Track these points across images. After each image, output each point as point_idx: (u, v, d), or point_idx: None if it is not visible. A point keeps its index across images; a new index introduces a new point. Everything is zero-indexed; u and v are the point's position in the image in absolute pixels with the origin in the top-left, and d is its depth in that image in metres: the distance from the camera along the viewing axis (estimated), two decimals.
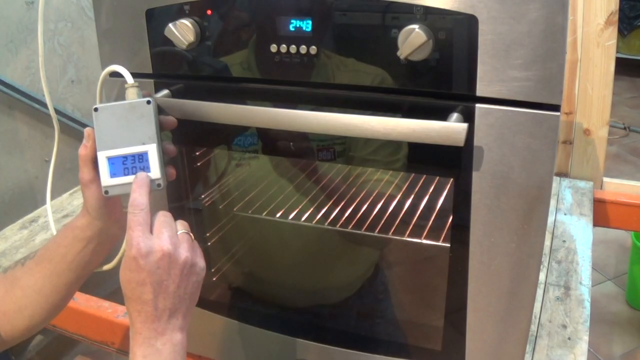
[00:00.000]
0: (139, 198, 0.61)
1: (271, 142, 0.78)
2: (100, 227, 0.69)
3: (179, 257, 0.60)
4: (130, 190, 0.64)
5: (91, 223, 0.68)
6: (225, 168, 0.90)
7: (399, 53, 0.61)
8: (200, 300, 0.89)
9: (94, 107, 0.65)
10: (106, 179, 0.65)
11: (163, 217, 0.63)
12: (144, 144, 0.65)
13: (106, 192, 0.65)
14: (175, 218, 0.86)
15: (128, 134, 0.65)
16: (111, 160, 0.65)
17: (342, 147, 0.75)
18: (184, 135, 0.76)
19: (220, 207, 0.93)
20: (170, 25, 0.68)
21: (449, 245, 0.70)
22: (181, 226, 0.64)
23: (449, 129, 0.59)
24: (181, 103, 0.71)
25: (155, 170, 0.65)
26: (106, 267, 0.74)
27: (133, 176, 0.65)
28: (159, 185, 0.66)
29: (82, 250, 0.69)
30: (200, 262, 0.63)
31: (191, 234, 0.64)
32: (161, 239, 0.60)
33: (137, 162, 0.65)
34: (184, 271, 0.60)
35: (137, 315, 0.59)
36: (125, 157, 0.65)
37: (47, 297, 0.70)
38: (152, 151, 0.65)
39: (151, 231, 0.61)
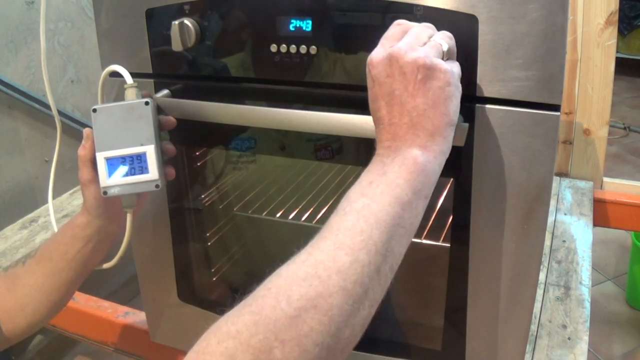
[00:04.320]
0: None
1: (269, 143, 0.78)
2: (100, 226, 0.69)
3: (407, 60, 0.49)
4: (129, 191, 0.64)
5: (91, 222, 0.69)
6: (225, 168, 0.90)
7: None
8: (200, 300, 0.89)
9: (93, 107, 0.65)
10: (104, 180, 0.65)
11: (417, 28, 0.52)
12: (142, 144, 0.65)
13: (105, 192, 0.66)
14: (175, 218, 0.85)
15: (126, 134, 0.65)
16: (110, 161, 0.65)
17: (339, 144, 0.75)
18: (184, 135, 0.76)
19: (220, 207, 0.93)
20: (176, 22, 0.67)
21: (449, 245, 0.69)
22: (440, 36, 0.53)
23: None
24: (181, 103, 0.71)
25: (153, 171, 0.65)
26: (106, 265, 0.75)
27: (131, 177, 0.65)
28: (157, 186, 0.66)
29: (82, 248, 0.69)
30: (442, 65, 0.49)
31: (447, 44, 0.52)
32: (395, 45, 0.50)
33: (136, 163, 0.65)
34: (418, 76, 0.49)
35: (378, 136, 0.51)
36: (123, 158, 0.65)
37: (48, 294, 0.70)
38: (150, 152, 0.65)
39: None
